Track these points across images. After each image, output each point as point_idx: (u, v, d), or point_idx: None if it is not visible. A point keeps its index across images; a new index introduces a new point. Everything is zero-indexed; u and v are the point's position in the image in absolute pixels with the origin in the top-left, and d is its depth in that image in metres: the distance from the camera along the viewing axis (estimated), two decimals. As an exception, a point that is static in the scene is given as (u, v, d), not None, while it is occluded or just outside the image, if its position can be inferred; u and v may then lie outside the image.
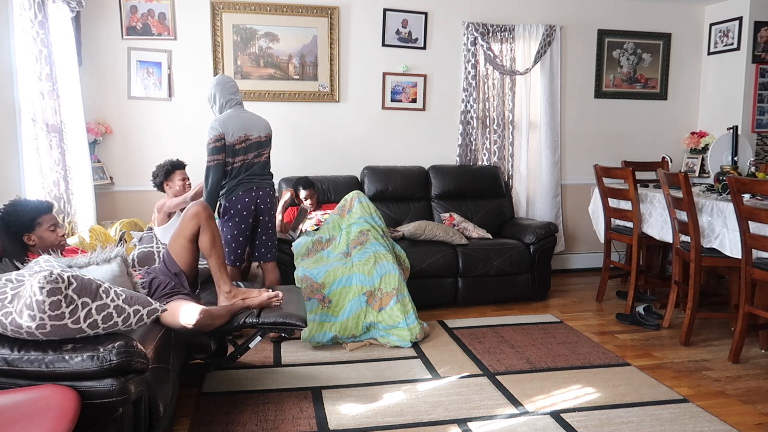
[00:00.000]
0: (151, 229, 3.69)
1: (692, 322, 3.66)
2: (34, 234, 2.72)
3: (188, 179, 3.84)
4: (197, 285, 3.07)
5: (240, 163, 3.47)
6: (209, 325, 2.57)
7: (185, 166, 3.88)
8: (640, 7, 5.45)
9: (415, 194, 4.92)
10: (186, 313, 2.47)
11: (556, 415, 2.72)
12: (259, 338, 2.96)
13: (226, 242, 3.49)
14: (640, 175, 4.57)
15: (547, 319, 4.16)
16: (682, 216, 3.66)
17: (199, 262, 3.08)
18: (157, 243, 3.48)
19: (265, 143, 3.58)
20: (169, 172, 3.78)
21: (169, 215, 3.75)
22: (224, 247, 3.46)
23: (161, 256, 2.93)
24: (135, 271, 2.96)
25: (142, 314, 2.14)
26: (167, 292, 2.77)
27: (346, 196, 4.16)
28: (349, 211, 4.07)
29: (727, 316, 3.88)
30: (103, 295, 1.99)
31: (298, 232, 4.24)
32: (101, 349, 1.85)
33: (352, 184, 4.77)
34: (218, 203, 3.55)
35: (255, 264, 4.06)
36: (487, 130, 5.20)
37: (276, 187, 4.66)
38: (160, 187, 3.81)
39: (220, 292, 2.87)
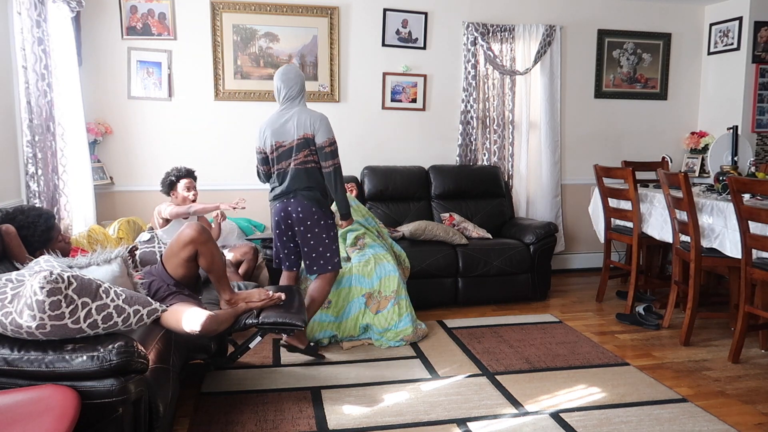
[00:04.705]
0: (152, 229, 3.70)
1: (692, 322, 3.66)
2: (46, 249, 2.71)
3: (193, 188, 3.83)
4: (200, 290, 3.03)
5: (276, 171, 3.28)
6: (214, 330, 2.52)
7: (190, 173, 3.86)
8: (640, 7, 5.45)
9: (415, 194, 4.92)
10: (191, 318, 2.41)
11: (556, 415, 2.73)
12: (259, 338, 2.96)
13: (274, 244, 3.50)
14: (640, 175, 4.57)
15: (547, 319, 4.17)
16: (682, 216, 3.66)
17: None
18: (159, 243, 3.48)
19: (298, 147, 3.19)
20: (173, 183, 3.81)
21: (167, 220, 3.75)
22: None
23: (159, 265, 2.85)
24: (136, 271, 2.95)
25: (142, 314, 2.15)
26: (168, 293, 2.74)
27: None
28: None
29: (727, 316, 3.88)
30: (103, 295, 1.99)
31: None
32: (101, 349, 1.85)
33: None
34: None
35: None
36: (487, 130, 5.20)
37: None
38: (167, 194, 3.86)
39: (221, 301, 2.85)
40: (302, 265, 3.44)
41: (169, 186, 3.82)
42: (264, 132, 3.27)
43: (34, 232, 2.69)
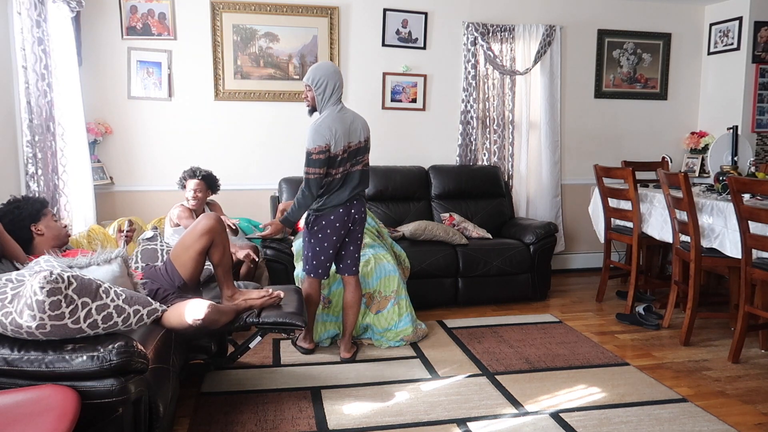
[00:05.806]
0: (155, 228, 3.69)
1: (692, 322, 3.66)
2: (41, 224, 2.81)
3: (197, 190, 3.85)
4: (200, 291, 3.03)
5: (340, 175, 3.13)
6: (216, 320, 2.51)
7: (196, 174, 3.89)
8: (640, 7, 5.45)
9: (415, 194, 4.91)
10: (193, 308, 2.41)
11: (556, 415, 2.73)
12: (259, 338, 2.96)
13: (312, 255, 3.22)
14: (640, 175, 4.57)
15: (547, 319, 4.17)
16: (682, 216, 3.66)
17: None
18: (161, 242, 3.48)
19: (363, 149, 3.20)
20: (183, 181, 3.94)
21: (179, 224, 3.81)
22: (311, 260, 3.24)
23: (164, 265, 2.86)
24: (137, 270, 2.95)
25: (142, 314, 2.15)
26: (171, 297, 2.74)
27: None
28: None
29: (727, 316, 3.88)
30: (103, 295, 1.99)
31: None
32: (101, 349, 1.85)
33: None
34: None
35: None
36: (487, 130, 5.20)
37: (277, 186, 4.71)
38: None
39: (223, 296, 2.86)
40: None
41: (182, 183, 3.95)
42: (336, 131, 3.05)
43: (26, 209, 2.78)
